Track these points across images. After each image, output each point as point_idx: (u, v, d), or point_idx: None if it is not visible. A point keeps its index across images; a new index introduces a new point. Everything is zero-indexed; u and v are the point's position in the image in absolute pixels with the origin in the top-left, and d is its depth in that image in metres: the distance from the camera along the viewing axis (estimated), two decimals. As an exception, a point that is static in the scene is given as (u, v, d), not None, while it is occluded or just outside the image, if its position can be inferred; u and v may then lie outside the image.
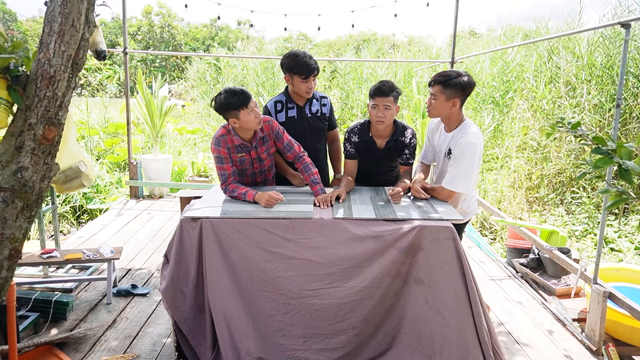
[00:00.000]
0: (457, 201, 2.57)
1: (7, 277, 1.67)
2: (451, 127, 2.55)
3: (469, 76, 2.45)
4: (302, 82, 2.75)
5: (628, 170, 0.90)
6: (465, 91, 2.43)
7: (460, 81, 2.40)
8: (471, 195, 2.63)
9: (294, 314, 2.25)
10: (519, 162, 6.49)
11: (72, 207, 5.73)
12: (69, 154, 2.97)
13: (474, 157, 2.41)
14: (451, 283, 2.16)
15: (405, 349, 2.24)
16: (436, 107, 2.48)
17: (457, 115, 2.52)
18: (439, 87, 2.43)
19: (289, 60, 2.74)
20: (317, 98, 2.94)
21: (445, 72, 2.46)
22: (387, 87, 2.52)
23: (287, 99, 2.89)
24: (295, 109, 2.88)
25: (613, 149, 0.95)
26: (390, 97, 2.52)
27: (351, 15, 6.28)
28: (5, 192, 1.60)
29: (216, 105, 2.40)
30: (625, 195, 0.91)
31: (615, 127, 2.61)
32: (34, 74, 1.65)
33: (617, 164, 0.93)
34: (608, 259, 4.71)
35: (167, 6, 27.99)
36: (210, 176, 6.79)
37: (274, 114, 2.88)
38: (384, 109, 2.53)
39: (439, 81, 2.43)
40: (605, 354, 2.65)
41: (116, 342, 2.66)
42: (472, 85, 2.45)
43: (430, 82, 2.50)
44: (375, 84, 2.59)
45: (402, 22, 43.36)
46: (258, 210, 2.33)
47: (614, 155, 0.95)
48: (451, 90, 2.41)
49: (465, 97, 2.47)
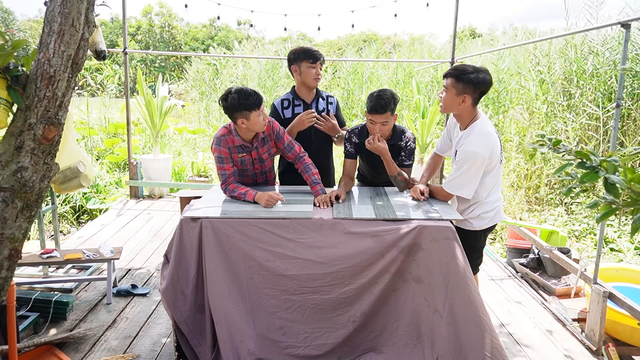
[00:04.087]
0: (469, 205, 2.48)
1: (7, 277, 1.67)
2: (463, 125, 2.44)
3: (487, 73, 2.31)
4: (311, 67, 2.77)
5: (614, 184, 0.91)
6: (477, 88, 2.30)
7: (473, 77, 2.27)
8: (489, 200, 2.47)
9: (295, 308, 2.26)
10: (518, 162, 6.49)
11: (72, 207, 5.73)
12: (68, 154, 2.97)
13: (472, 166, 2.32)
14: (451, 282, 2.17)
15: (404, 346, 2.25)
16: (446, 101, 2.38)
17: (469, 114, 2.39)
18: (451, 80, 2.33)
19: (295, 50, 2.79)
20: (324, 97, 2.97)
21: (462, 66, 2.34)
22: (383, 104, 2.44)
23: (294, 97, 2.92)
24: (302, 106, 2.91)
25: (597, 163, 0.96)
26: (387, 113, 2.47)
27: (351, 15, 6.29)
28: (5, 192, 1.60)
29: (228, 104, 2.38)
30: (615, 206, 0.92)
31: (615, 128, 2.61)
32: (33, 73, 1.65)
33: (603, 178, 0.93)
34: (608, 259, 4.71)
35: (167, 6, 28.00)
36: (210, 176, 6.78)
37: (280, 111, 2.91)
38: (381, 125, 2.51)
39: (452, 74, 2.33)
40: (605, 354, 2.65)
41: (116, 342, 2.66)
42: (487, 84, 2.31)
43: (445, 74, 2.39)
44: (372, 95, 2.49)
45: (402, 22, 43.39)
46: (258, 210, 2.33)
47: (599, 169, 0.95)
48: (463, 85, 2.29)
49: (478, 96, 2.34)
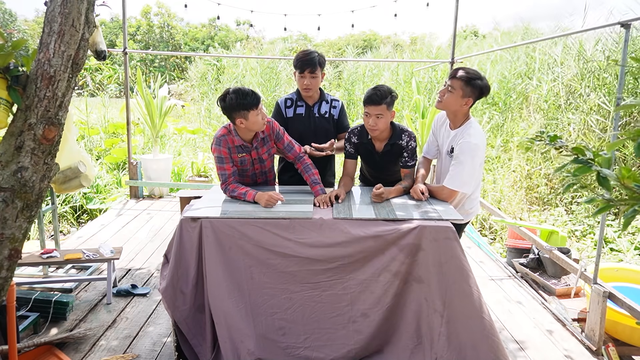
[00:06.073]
0: (460, 201, 2.57)
1: (7, 277, 1.67)
2: (456, 125, 2.56)
3: (487, 82, 2.48)
4: (301, 77, 2.77)
5: (606, 177, 0.93)
6: (480, 95, 2.47)
7: (481, 84, 2.43)
8: (474, 196, 2.64)
9: (296, 308, 2.26)
10: (519, 162, 6.49)
11: (72, 207, 5.73)
12: (69, 154, 2.97)
13: (475, 157, 2.42)
14: (451, 282, 2.17)
15: (404, 347, 2.25)
16: (449, 100, 2.47)
17: (464, 114, 2.53)
18: (460, 83, 2.43)
19: (295, 56, 2.79)
20: (328, 100, 2.95)
21: (471, 70, 2.46)
22: (379, 96, 2.45)
23: (297, 97, 2.93)
24: (303, 107, 2.91)
25: (591, 158, 0.99)
26: (383, 105, 2.46)
27: (351, 15, 6.29)
28: (5, 192, 1.60)
29: (226, 105, 2.39)
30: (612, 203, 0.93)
31: (615, 128, 2.61)
32: (33, 74, 1.65)
33: (596, 172, 0.96)
34: (608, 259, 4.71)
35: (166, 6, 27.97)
36: (210, 176, 6.78)
37: (283, 110, 2.92)
38: (375, 118, 2.49)
39: (463, 77, 2.42)
40: (605, 354, 2.65)
41: (116, 342, 2.66)
42: (488, 91, 2.48)
43: (452, 74, 2.48)
44: (369, 89, 2.53)
45: (402, 22, 43.39)
46: (258, 210, 2.33)
47: (592, 163, 0.98)
48: (471, 89, 2.42)
49: (477, 100, 2.50)
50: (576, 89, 6.51)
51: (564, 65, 6.85)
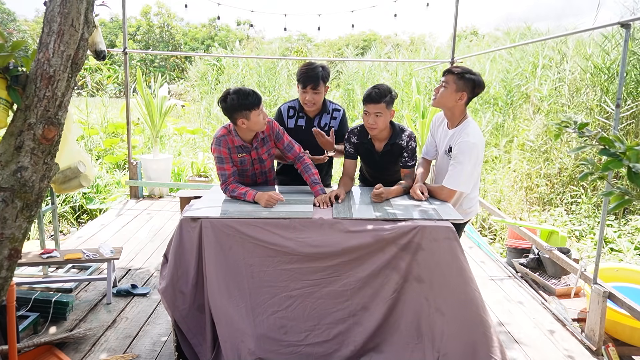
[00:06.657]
0: (459, 200, 2.57)
1: (7, 277, 1.67)
2: (453, 124, 2.56)
3: (481, 78, 2.50)
4: (302, 92, 2.75)
5: (638, 173, 0.86)
6: (474, 89, 2.48)
7: (474, 77, 2.45)
8: (473, 195, 2.64)
9: (296, 306, 2.26)
10: (518, 162, 6.49)
11: (72, 207, 5.73)
12: (68, 154, 2.97)
13: (474, 156, 2.42)
14: (451, 282, 2.17)
15: (404, 345, 2.25)
16: (444, 96, 2.49)
17: (461, 112, 2.53)
18: (452, 77, 2.46)
19: (299, 69, 2.76)
20: (329, 111, 2.91)
21: (462, 66, 2.51)
22: (378, 94, 2.46)
23: (299, 107, 2.88)
24: (304, 119, 2.89)
25: (622, 151, 0.90)
26: (382, 104, 2.46)
27: (351, 15, 6.29)
28: (5, 192, 1.60)
29: (227, 105, 2.38)
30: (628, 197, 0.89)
31: (615, 128, 2.61)
32: (33, 73, 1.65)
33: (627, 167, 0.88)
34: (608, 259, 4.71)
35: (166, 6, 27.99)
36: (210, 176, 6.78)
37: (285, 118, 2.90)
38: (375, 116, 2.49)
39: (454, 72, 2.46)
40: (605, 354, 2.65)
41: (116, 342, 2.66)
42: (482, 86, 2.49)
43: (445, 71, 2.51)
44: (368, 88, 2.54)
45: (402, 22, 43.40)
46: (258, 210, 2.33)
47: (622, 157, 0.90)
48: (464, 82, 2.44)
49: (473, 96, 2.51)
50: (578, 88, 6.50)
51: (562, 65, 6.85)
